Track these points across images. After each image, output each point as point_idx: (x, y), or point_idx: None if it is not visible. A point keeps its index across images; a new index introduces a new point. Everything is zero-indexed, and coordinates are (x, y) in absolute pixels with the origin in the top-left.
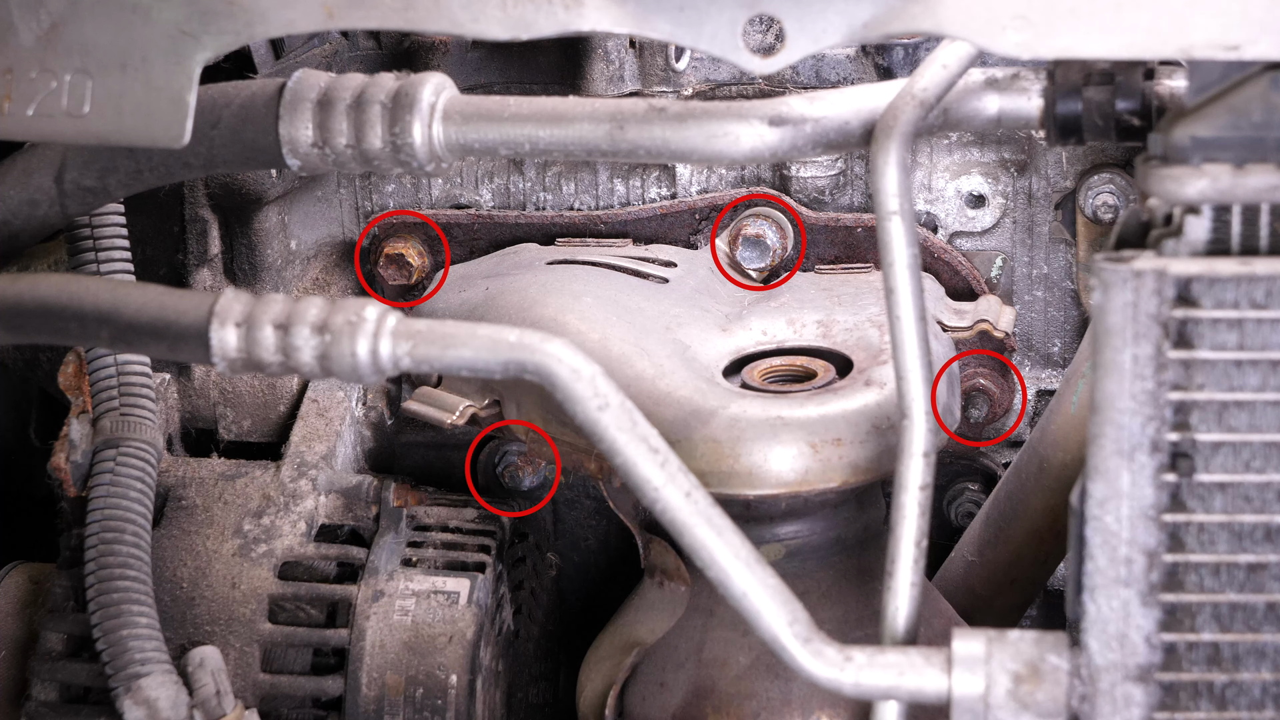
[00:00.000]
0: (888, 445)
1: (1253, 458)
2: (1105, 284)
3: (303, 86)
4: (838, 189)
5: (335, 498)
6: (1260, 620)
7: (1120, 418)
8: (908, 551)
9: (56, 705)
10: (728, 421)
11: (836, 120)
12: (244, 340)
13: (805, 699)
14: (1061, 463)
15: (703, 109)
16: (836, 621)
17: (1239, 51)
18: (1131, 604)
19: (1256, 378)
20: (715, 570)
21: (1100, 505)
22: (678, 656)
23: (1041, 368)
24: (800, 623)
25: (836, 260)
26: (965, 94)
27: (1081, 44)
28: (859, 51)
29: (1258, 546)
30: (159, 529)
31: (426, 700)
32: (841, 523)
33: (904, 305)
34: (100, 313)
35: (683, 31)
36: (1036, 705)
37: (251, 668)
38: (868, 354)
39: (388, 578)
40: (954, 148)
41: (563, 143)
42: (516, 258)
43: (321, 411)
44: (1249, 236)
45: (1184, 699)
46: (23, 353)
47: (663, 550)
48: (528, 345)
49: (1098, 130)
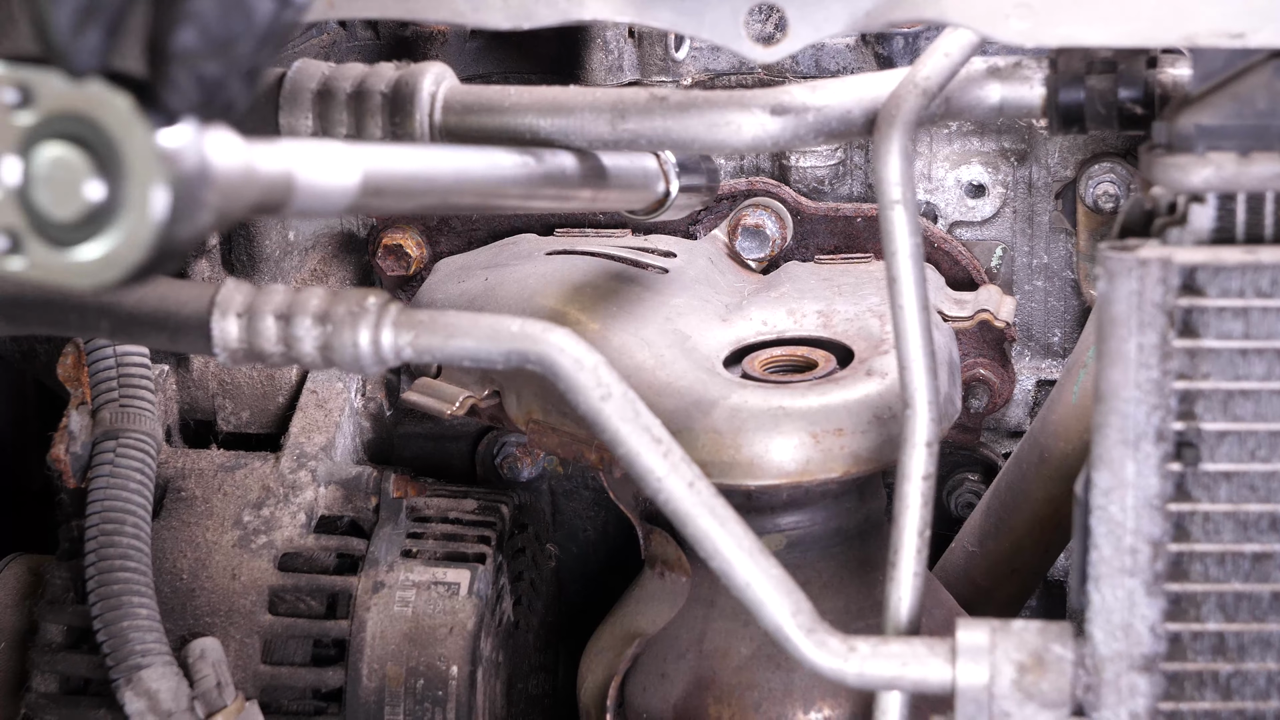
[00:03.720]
0: (889, 435)
1: (1258, 447)
2: (1110, 273)
3: (302, 76)
4: (837, 179)
5: (335, 489)
6: (1265, 610)
7: (1125, 407)
8: (910, 541)
9: (57, 697)
10: (729, 412)
11: (839, 109)
12: (245, 331)
13: (807, 689)
14: (1063, 452)
15: (704, 98)
16: (838, 612)
17: (1243, 39)
18: (1136, 593)
19: (1262, 366)
20: (718, 561)
21: (1105, 495)
22: (679, 647)
23: (1042, 358)
24: (803, 613)
25: (836, 250)
26: (967, 83)
27: (1084, 32)
28: (859, 41)
29: (1263, 536)
30: (159, 520)
31: (427, 691)
32: (843, 513)
33: (907, 294)
34: (100, 303)
35: (684, 20)
36: (1041, 695)
37: (252, 659)
38: (869, 344)
39: (388, 569)
40: (954, 137)
41: (564, 132)
42: (516, 248)
43: (321, 403)
44: (1254, 225)
45: (1189, 689)
46: (20, 344)
47: (663, 541)
48: (530, 335)
49: (1100, 119)
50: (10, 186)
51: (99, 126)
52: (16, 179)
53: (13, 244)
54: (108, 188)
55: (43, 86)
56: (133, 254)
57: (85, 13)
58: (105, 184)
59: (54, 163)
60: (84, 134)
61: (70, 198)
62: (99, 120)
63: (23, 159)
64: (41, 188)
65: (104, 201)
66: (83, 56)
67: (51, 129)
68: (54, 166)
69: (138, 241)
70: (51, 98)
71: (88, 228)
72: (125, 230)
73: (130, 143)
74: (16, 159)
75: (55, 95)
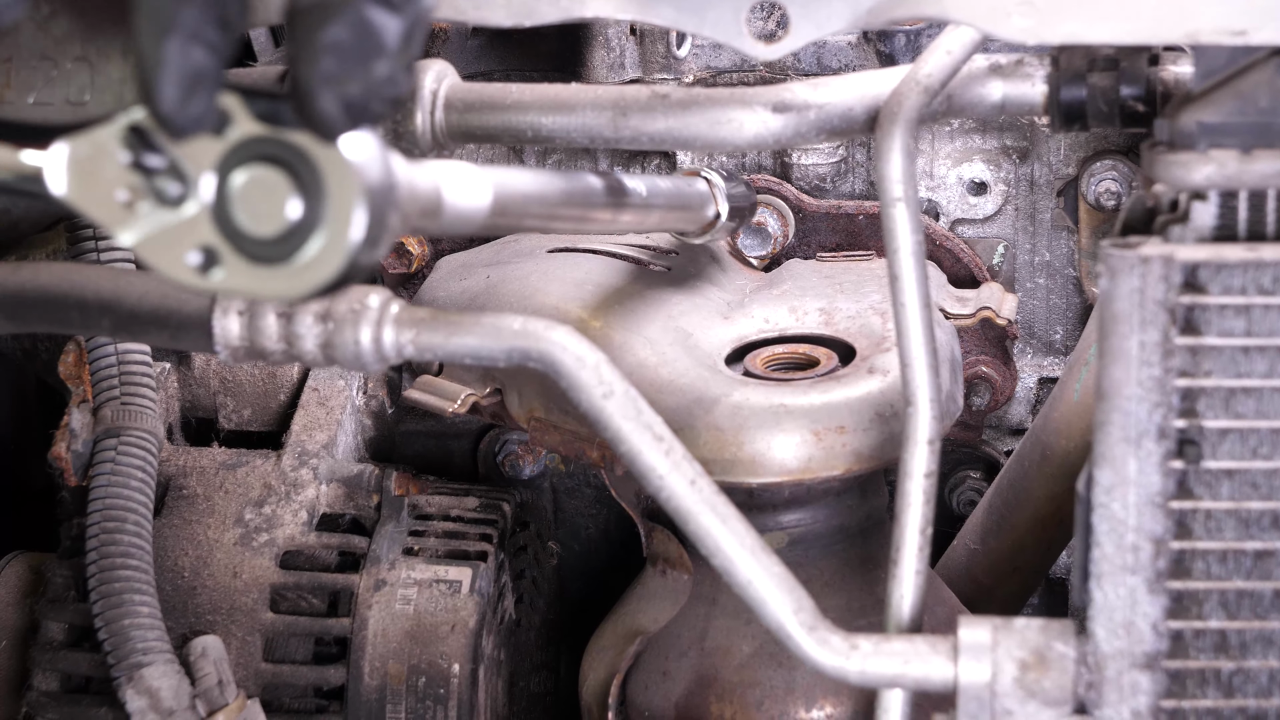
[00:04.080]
0: (891, 433)
1: (1260, 444)
2: (1112, 270)
3: None
4: (839, 176)
5: (336, 487)
6: (1267, 607)
7: (1127, 404)
8: (912, 539)
9: (58, 695)
10: (731, 409)
11: (840, 106)
12: (246, 328)
13: (809, 687)
14: (1064, 450)
15: (706, 96)
16: (840, 610)
17: (1245, 37)
18: (1138, 591)
19: (1264, 364)
20: (720, 558)
21: (1107, 492)
22: (680, 645)
23: (1044, 355)
24: (805, 611)
25: (838, 248)
26: (969, 80)
27: (1087, 30)
28: (860, 38)
29: (1265, 533)
30: (160, 518)
31: (429, 689)
32: (845, 511)
33: (909, 292)
34: (102, 301)
35: (686, 17)
36: (1043, 693)
37: (253, 657)
38: (870, 341)
39: (389, 567)
40: (956, 135)
41: (566, 130)
42: (517, 246)
43: (322, 400)
44: (1256, 222)
45: (1191, 687)
46: (21, 342)
47: (665, 538)
48: (532, 333)
49: (1102, 116)
50: (208, 205)
51: (297, 148)
52: (213, 197)
53: (209, 259)
54: (305, 206)
55: (239, 110)
56: (331, 269)
57: (191, 83)
58: (304, 202)
59: (253, 182)
60: (281, 154)
61: (271, 216)
62: (297, 142)
63: (220, 179)
64: (240, 206)
65: (302, 219)
66: (188, 123)
67: (249, 151)
68: (253, 186)
69: (336, 257)
70: (249, 120)
71: (286, 244)
72: (324, 247)
73: (329, 164)
74: (214, 178)
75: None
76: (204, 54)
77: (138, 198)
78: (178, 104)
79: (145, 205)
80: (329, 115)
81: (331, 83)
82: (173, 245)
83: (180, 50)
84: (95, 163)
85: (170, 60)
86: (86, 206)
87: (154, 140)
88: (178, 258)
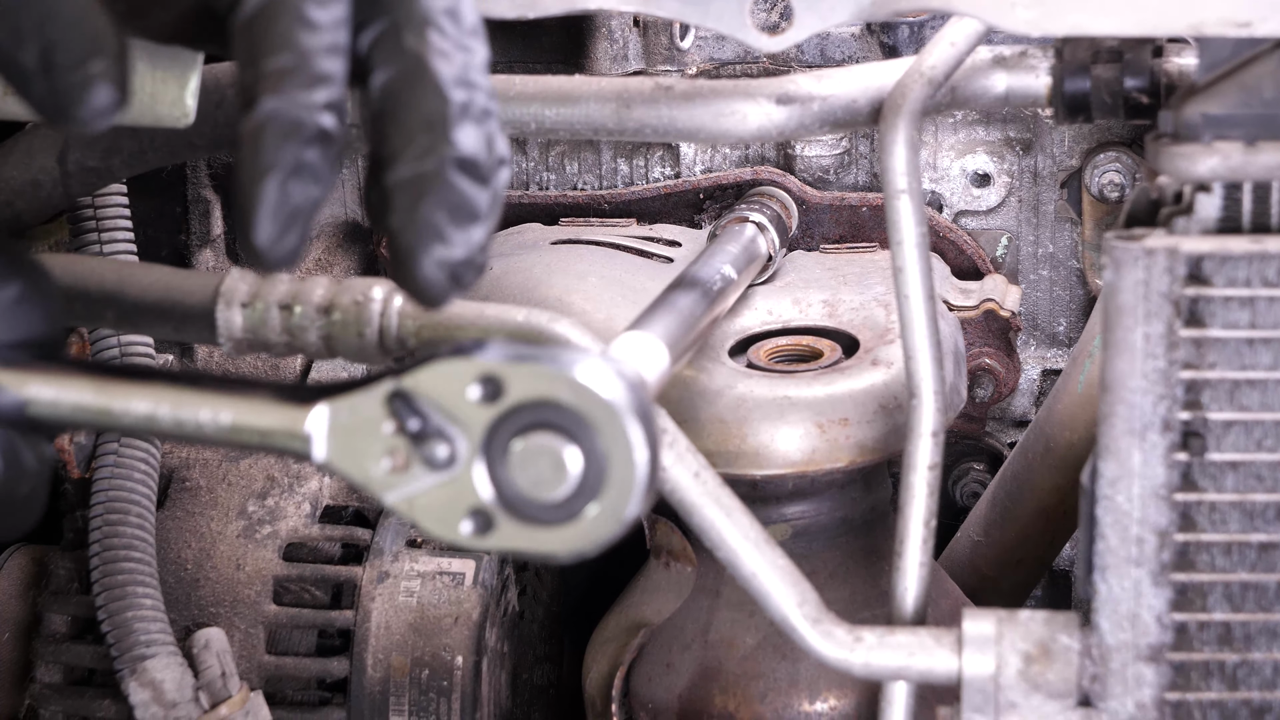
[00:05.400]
0: (895, 425)
1: (1264, 436)
2: (1116, 262)
3: None
4: (842, 168)
5: (339, 479)
6: (1272, 600)
7: (1131, 397)
8: (916, 531)
9: (61, 687)
10: (734, 401)
11: (844, 98)
12: (249, 320)
13: (813, 680)
14: (1068, 442)
15: (709, 88)
16: (843, 602)
17: (1250, 29)
18: (1143, 583)
19: (1268, 356)
20: (724, 551)
21: (1111, 485)
22: (684, 638)
23: (1047, 347)
24: (810, 603)
25: (841, 240)
26: (973, 72)
27: (1091, 21)
28: (864, 30)
29: (1269, 526)
30: (163, 511)
31: (432, 681)
32: (848, 503)
33: (913, 284)
34: (106, 293)
35: (689, 9)
36: (1048, 685)
37: (256, 649)
38: (874, 333)
39: (392, 559)
40: (959, 126)
41: (569, 122)
42: (520, 238)
43: None
44: (1260, 214)
45: (1195, 679)
46: None
47: (668, 531)
48: (535, 325)
49: (1106, 108)
50: (483, 474)
51: (573, 410)
52: (486, 464)
53: (483, 524)
54: (585, 468)
55: (513, 378)
56: (619, 518)
57: (288, 222)
58: (583, 465)
59: (530, 449)
60: (556, 419)
61: (552, 482)
62: (574, 405)
63: (490, 444)
64: (518, 473)
65: (581, 485)
66: (281, 259)
67: (523, 420)
68: (530, 452)
69: (624, 505)
70: (521, 388)
71: (567, 507)
72: (611, 499)
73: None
74: (483, 445)
75: (525, 385)
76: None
77: (403, 463)
78: (272, 242)
79: (412, 470)
80: (434, 281)
81: (435, 248)
82: (443, 509)
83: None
84: (358, 430)
85: (268, 197)
86: (349, 471)
87: (419, 406)
88: (449, 523)
